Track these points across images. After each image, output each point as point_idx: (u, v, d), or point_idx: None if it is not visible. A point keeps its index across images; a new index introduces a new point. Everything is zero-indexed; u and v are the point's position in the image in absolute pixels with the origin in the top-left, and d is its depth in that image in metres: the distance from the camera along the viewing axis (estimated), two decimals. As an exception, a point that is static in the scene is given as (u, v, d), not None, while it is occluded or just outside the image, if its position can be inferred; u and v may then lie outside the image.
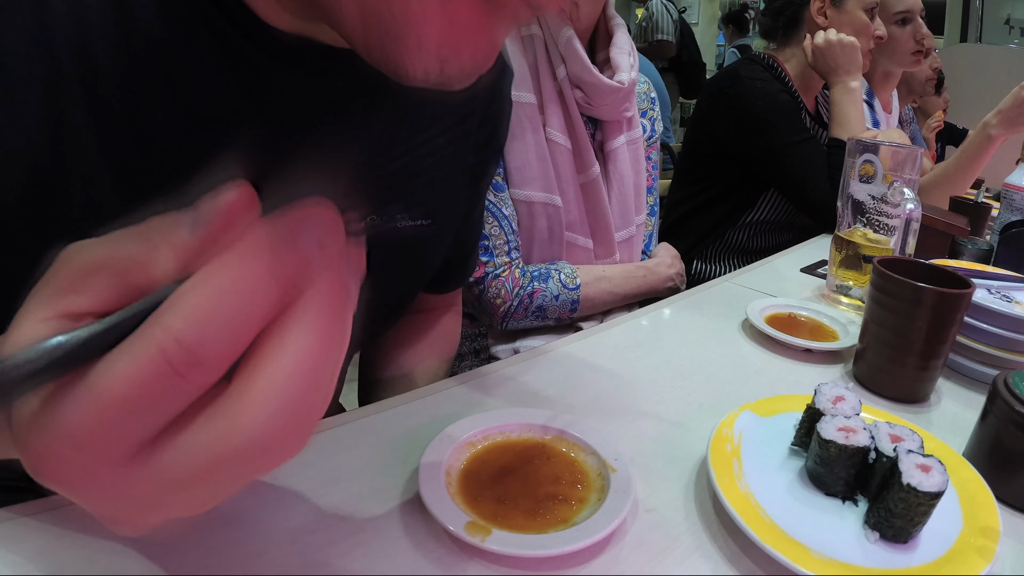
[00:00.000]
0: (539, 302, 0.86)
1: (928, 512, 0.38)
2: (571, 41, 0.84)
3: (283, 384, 0.19)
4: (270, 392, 0.19)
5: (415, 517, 0.40)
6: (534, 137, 0.85)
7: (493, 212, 0.85)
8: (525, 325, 0.89)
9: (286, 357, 0.19)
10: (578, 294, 0.88)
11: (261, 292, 0.19)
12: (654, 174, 1.05)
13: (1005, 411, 0.44)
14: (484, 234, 0.85)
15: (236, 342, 0.18)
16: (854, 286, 0.81)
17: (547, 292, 0.87)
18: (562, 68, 0.86)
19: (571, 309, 0.88)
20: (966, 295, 0.55)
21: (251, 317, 0.19)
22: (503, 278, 0.85)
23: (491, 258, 0.86)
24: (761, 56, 1.37)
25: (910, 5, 1.49)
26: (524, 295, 0.86)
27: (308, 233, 0.19)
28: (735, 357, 0.66)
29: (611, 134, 0.93)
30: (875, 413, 0.51)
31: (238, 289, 0.18)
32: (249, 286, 0.18)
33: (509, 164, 0.85)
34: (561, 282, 0.88)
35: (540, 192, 0.86)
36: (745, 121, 1.28)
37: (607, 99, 0.88)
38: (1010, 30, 3.68)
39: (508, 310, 0.86)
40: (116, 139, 0.36)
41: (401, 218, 0.51)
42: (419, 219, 0.52)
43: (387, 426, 0.49)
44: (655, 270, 0.97)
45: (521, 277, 0.86)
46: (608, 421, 0.52)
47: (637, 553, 0.38)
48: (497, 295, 0.85)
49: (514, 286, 0.86)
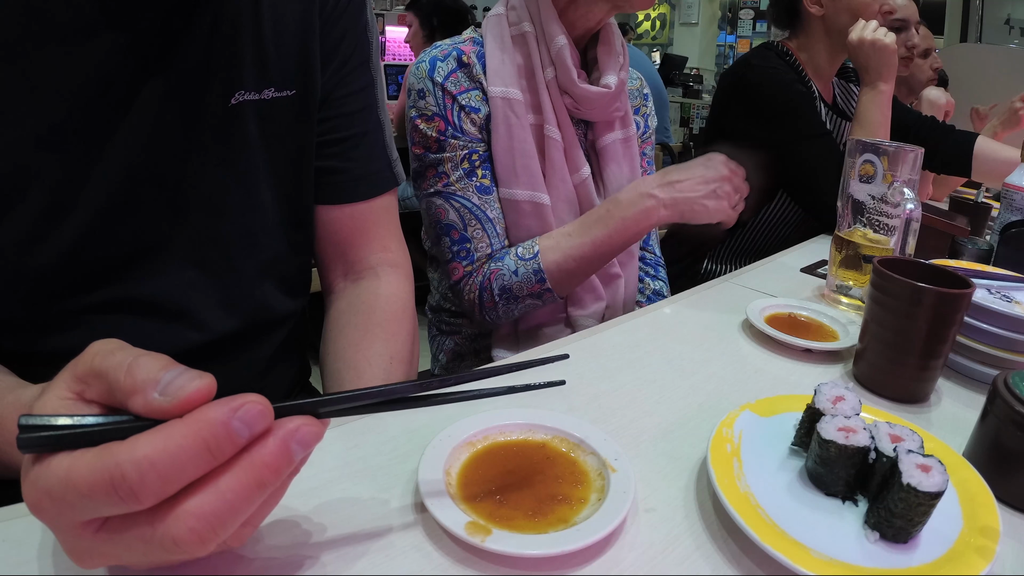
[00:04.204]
0: (500, 283, 0.83)
1: (928, 512, 0.38)
2: (563, 51, 0.84)
3: (196, 513, 0.26)
4: (187, 514, 0.26)
5: (415, 517, 0.40)
6: (521, 134, 0.84)
7: (477, 215, 0.85)
8: (508, 315, 0.86)
9: (206, 496, 0.26)
10: (537, 262, 0.82)
11: (196, 459, 0.26)
12: (649, 169, 1.05)
13: (1005, 411, 0.44)
14: (466, 236, 0.85)
15: (167, 489, 0.26)
16: (854, 286, 0.81)
17: (504, 270, 0.83)
18: (551, 70, 0.86)
19: (538, 280, 0.82)
20: (966, 295, 0.55)
21: (183, 474, 0.26)
22: (474, 274, 0.85)
23: (471, 261, 0.85)
24: (774, 44, 1.35)
25: (907, 14, 1.53)
26: (484, 281, 0.84)
27: (240, 421, 0.27)
28: (735, 357, 0.66)
29: (602, 132, 0.93)
30: (875, 413, 0.51)
31: (179, 453, 0.26)
32: (188, 454, 0.26)
33: (496, 162, 0.85)
34: (517, 255, 0.84)
35: (525, 190, 0.85)
36: (759, 110, 1.25)
37: (595, 105, 0.88)
38: (1010, 30, 3.68)
39: (477, 301, 0.84)
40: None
41: (268, 91, 0.55)
42: (284, 90, 0.56)
43: (387, 426, 0.49)
44: (621, 197, 0.81)
45: (484, 266, 0.85)
46: (608, 421, 0.52)
47: (637, 553, 0.38)
48: (470, 291, 0.85)
49: (478, 275, 0.85)
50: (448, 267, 0.87)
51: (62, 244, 0.47)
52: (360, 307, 0.64)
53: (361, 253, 0.67)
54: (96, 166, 0.47)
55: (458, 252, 0.86)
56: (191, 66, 0.50)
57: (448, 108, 0.84)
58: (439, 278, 1.00)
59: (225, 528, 0.27)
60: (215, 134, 0.53)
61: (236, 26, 0.52)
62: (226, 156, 0.54)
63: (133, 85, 0.47)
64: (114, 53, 0.45)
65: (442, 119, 0.83)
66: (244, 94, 0.53)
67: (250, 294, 0.59)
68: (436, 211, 0.86)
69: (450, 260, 0.86)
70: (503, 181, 0.86)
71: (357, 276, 0.67)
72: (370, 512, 0.40)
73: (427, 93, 0.84)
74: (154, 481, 0.25)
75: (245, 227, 0.57)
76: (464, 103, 0.84)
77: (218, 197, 0.54)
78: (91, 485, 0.25)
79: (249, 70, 0.54)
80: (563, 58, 0.84)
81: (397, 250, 0.70)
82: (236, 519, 0.27)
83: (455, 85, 0.84)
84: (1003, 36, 3.67)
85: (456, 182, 0.85)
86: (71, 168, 0.46)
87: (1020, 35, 3.66)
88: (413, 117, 0.85)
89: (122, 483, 0.25)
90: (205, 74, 0.51)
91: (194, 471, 0.26)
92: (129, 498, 0.25)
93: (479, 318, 0.87)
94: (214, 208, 0.54)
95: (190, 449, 0.26)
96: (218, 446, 0.26)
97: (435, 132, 0.83)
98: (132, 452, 0.25)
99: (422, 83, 0.84)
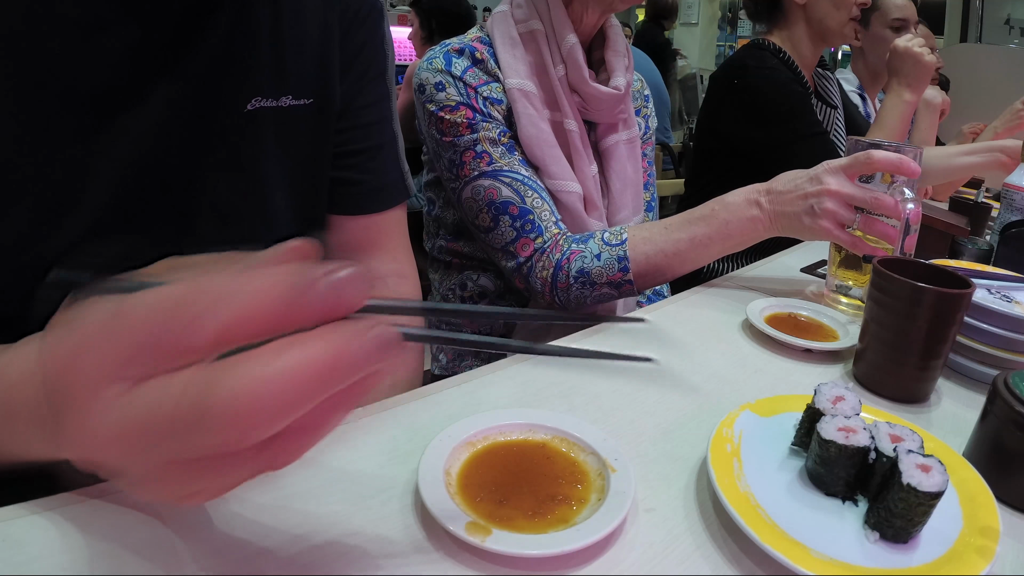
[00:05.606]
0: (579, 264, 0.78)
1: (928, 512, 0.38)
2: (574, 49, 0.84)
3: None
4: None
5: (415, 518, 0.40)
6: (542, 124, 0.84)
7: (532, 186, 0.82)
8: (580, 300, 0.80)
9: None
10: (624, 249, 0.77)
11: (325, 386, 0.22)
12: (650, 170, 1.06)
13: (1005, 411, 0.44)
14: (527, 209, 0.81)
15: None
16: (854, 286, 0.81)
17: (585, 252, 0.78)
18: (561, 67, 0.86)
19: (621, 269, 0.77)
20: (966, 295, 0.55)
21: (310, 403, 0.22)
22: (549, 250, 0.80)
23: (539, 233, 0.81)
24: (765, 43, 1.35)
25: (906, 14, 1.55)
26: (563, 260, 0.79)
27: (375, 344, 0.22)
28: (735, 357, 0.66)
29: (606, 133, 0.93)
30: (875, 413, 0.51)
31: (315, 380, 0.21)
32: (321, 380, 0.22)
33: (524, 153, 0.84)
34: (603, 240, 0.79)
35: (557, 180, 0.85)
36: (758, 111, 1.26)
37: (603, 105, 0.88)
38: (1010, 30, 3.68)
39: (550, 279, 0.80)
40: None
41: (285, 98, 0.55)
42: (302, 99, 0.56)
43: (387, 426, 0.49)
44: (728, 198, 0.77)
45: (563, 243, 0.81)
46: (608, 421, 0.52)
47: (637, 553, 0.38)
48: (544, 268, 0.80)
49: (555, 252, 0.80)
50: (515, 247, 0.82)
51: (61, 245, 0.47)
52: None
53: (371, 263, 0.67)
54: (100, 167, 0.46)
55: (523, 227, 0.81)
56: (205, 70, 0.49)
57: (472, 97, 0.82)
58: (439, 279, 1.00)
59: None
60: (228, 139, 0.52)
61: (255, 32, 0.52)
62: (239, 162, 0.53)
63: (143, 85, 0.46)
64: (124, 52, 0.45)
65: (468, 107, 0.82)
66: (261, 100, 0.53)
67: None
68: (487, 192, 0.81)
69: (515, 239, 0.81)
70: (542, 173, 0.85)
71: None
72: (371, 512, 0.40)
73: (447, 85, 0.82)
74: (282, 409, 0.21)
75: (255, 235, 0.56)
76: (486, 94, 0.83)
77: (228, 204, 0.54)
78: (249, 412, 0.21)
79: (267, 76, 0.53)
80: (575, 56, 0.84)
81: (406, 261, 0.70)
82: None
83: (474, 78, 0.83)
84: (1003, 36, 3.67)
85: (500, 158, 0.82)
86: (72, 167, 0.46)
87: (1020, 35, 3.66)
88: (434, 112, 0.83)
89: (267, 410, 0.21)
90: (221, 78, 0.50)
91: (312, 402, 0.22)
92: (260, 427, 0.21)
93: (547, 299, 0.82)
94: (223, 215, 0.54)
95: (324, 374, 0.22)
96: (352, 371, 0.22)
97: (463, 119, 0.81)
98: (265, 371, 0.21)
99: (439, 76, 0.82)
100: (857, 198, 0.70)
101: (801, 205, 0.72)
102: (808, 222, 0.71)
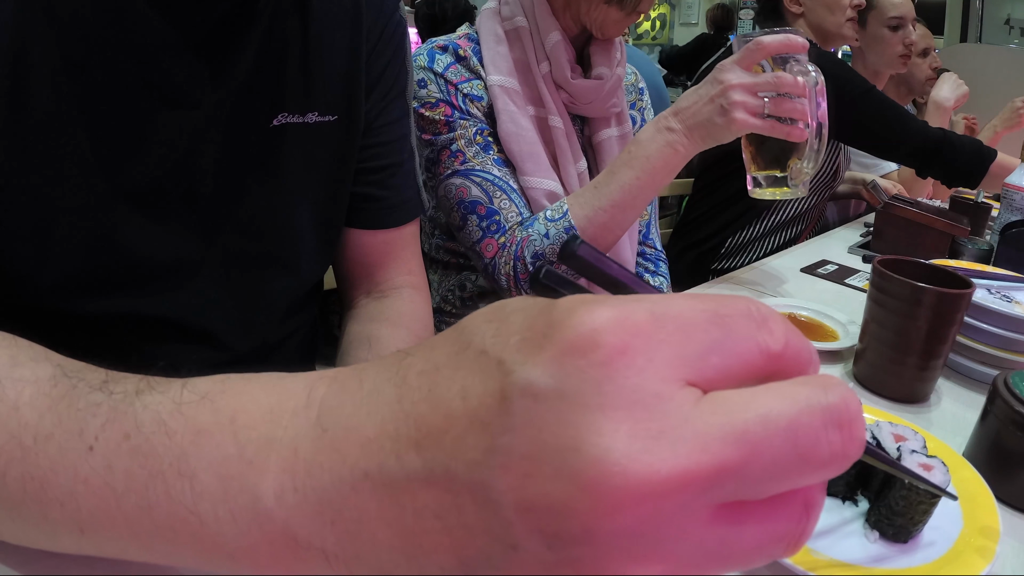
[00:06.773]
0: (531, 250, 0.77)
1: (929, 511, 0.38)
2: (557, 46, 0.84)
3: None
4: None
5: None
6: (523, 122, 0.84)
7: (501, 186, 0.82)
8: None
9: None
10: (568, 220, 0.76)
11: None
12: None
13: (1005, 411, 0.44)
14: (493, 210, 0.81)
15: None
16: (780, 174, 0.74)
17: (534, 235, 0.77)
18: (545, 64, 0.86)
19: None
20: (966, 295, 0.55)
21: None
22: (508, 245, 0.80)
23: (502, 232, 0.80)
24: None
25: (903, 12, 1.55)
26: (517, 250, 0.79)
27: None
28: (735, 357, 0.66)
29: (598, 128, 0.93)
30: (875, 413, 0.51)
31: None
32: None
33: (504, 151, 0.84)
34: (547, 218, 0.78)
35: (536, 178, 0.84)
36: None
37: (590, 97, 0.88)
38: (1010, 30, 3.68)
39: (512, 273, 0.79)
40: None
41: (311, 115, 0.54)
42: (327, 115, 0.55)
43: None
44: (640, 136, 0.75)
45: (517, 234, 0.80)
46: (608, 421, 0.52)
47: (638, 553, 0.38)
48: (505, 264, 0.80)
49: (511, 245, 0.79)
50: (480, 247, 0.82)
51: (80, 252, 0.46)
52: (386, 314, 0.65)
53: (388, 275, 0.68)
54: (124, 177, 0.46)
55: (488, 227, 0.81)
56: (235, 85, 0.49)
57: (452, 94, 0.83)
58: (439, 280, 1.00)
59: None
60: (254, 154, 0.52)
61: (284, 48, 0.51)
62: (263, 177, 0.53)
63: (173, 99, 0.46)
64: (157, 67, 0.45)
65: (447, 104, 0.82)
66: (287, 116, 0.52)
67: (271, 315, 0.59)
68: (457, 191, 0.82)
69: (480, 239, 0.81)
70: (520, 171, 0.84)
71: (381, 294, 0.68)
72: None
73: (428, 82, 0.82)
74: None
75: (277, 249, 0.56)
76: (467, 91, 0.83)
77: (251, 218, 0.53)
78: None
79: (293, 93, 0.53)
80: (556, 53, 0.84)
81: (419, 273, 0.71)
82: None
83: (456, 75, 0.83)
84: (1003, 36, 3.67)
85: (473, 158, 0.82)
86: (95, 175, 0.45)
87: (1020, 35, 3.66)
88: (415, 108, 0.83)
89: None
90: (248, 94, 0.50)
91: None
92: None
93: (515, 295, 0.78)
94: (245, 229, 0.53)
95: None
96: None
97: (442, 116, 0.82)
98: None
99: (421, 73, 0.83)
100: (759, 83, 0.69)
101: (710, 109, 0.71)
102: (721, 121, 0.70)
